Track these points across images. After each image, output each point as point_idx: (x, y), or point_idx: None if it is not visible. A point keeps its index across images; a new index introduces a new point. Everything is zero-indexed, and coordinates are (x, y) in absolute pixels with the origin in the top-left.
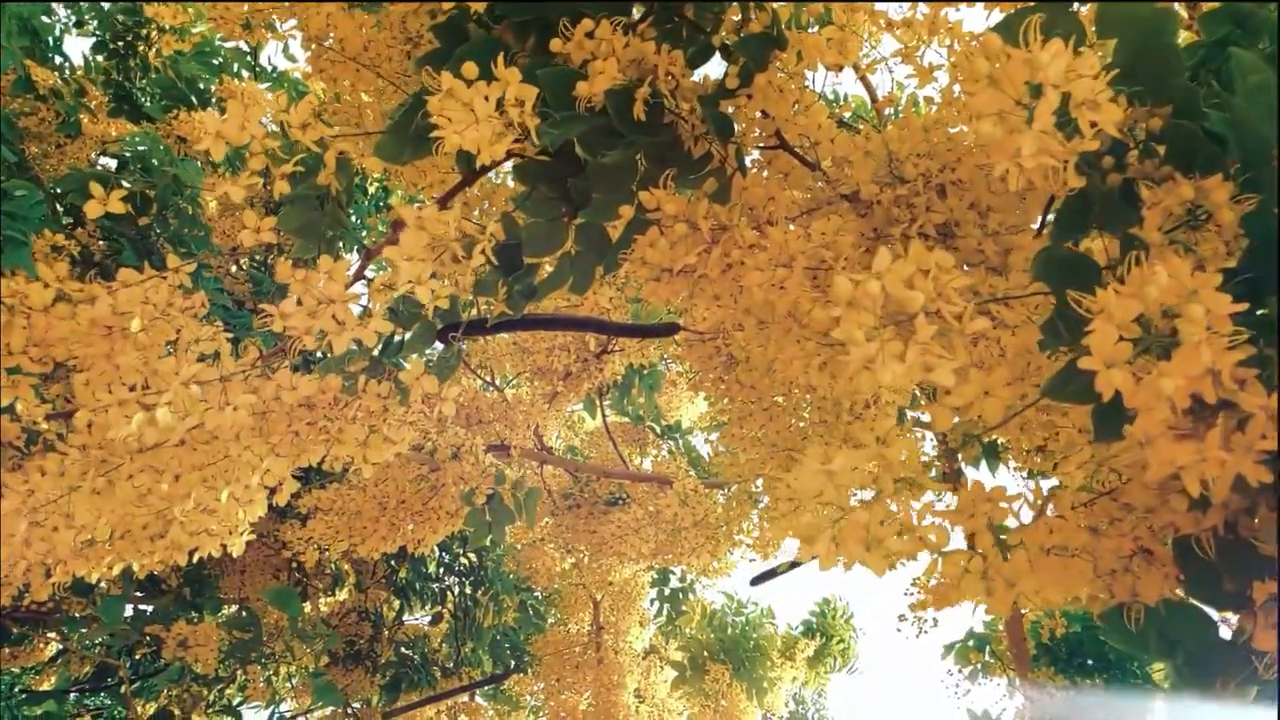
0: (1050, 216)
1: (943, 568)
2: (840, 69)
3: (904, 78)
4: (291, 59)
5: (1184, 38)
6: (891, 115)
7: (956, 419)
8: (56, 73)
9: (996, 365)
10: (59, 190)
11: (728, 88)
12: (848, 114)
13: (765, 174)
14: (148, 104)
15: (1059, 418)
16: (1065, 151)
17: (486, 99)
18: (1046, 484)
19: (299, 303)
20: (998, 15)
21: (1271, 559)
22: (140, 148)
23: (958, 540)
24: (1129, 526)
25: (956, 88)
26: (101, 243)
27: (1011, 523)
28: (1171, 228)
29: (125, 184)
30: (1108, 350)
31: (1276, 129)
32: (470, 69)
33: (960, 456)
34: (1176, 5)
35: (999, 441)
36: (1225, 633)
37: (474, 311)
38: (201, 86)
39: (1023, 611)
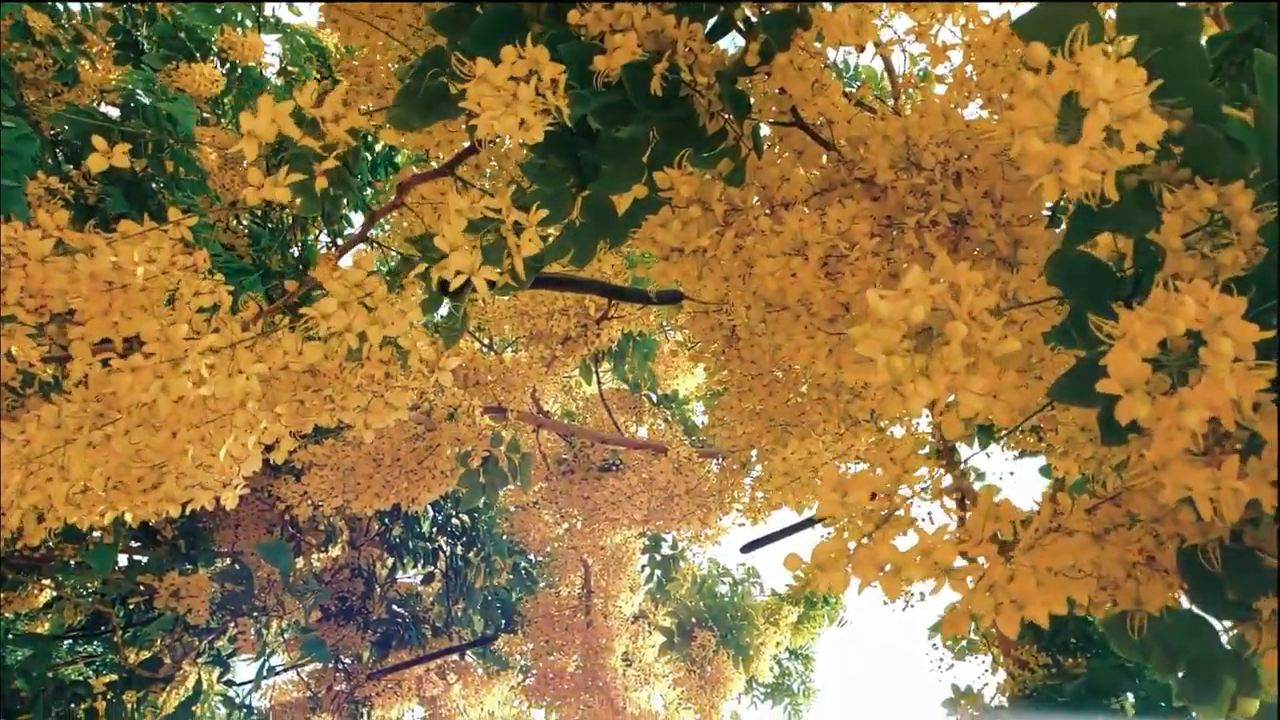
0: (1060, 204)
1: (950, 585)
2: (863, 49)
3: (918, 54)
4: (296, 12)
5: (1208, 28)
6: (907, 96)
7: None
8: (54, 20)
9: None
10: (55, 132)
11: (747, 65)
12: (866, 96)
13: (777, 150)
14: (150, 52)
15: (1060, 412)
16: (1108, 164)
17: (525, 80)
18: (1036, 462)
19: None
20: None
21: (1274, 570)
22: (131, 87)
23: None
24: (1135, 535)
25: (969, 68)
26: (96, 185)
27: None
28: (1188, 232)
29: (124, 129)
30: (1128, 373)
31: None
32: (509, 52)
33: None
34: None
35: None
36: None
37: None
38: (203, 36)
39: None
